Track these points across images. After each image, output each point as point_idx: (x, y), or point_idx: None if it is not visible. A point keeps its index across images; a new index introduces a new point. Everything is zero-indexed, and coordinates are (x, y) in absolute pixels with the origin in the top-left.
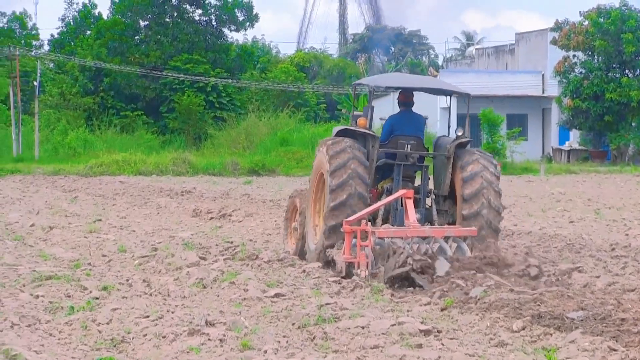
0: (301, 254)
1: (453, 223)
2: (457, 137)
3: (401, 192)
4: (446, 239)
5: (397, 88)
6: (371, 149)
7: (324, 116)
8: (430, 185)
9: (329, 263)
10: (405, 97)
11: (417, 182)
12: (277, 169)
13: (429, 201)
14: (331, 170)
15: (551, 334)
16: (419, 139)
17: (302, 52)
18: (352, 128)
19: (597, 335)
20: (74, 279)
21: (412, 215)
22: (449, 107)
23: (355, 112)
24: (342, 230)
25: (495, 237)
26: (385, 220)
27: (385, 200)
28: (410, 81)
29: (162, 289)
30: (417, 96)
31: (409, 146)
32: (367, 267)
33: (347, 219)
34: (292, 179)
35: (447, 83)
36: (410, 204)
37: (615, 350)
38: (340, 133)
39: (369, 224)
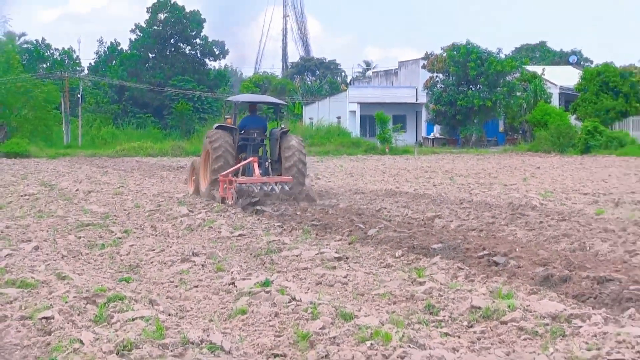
0: (196, 193)
1: (280, 175)
2: (282, 128)
3: (250, 159)
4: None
5: (247, 102)
6: (234, 136)
7: (272, 117)
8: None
9: (213, 197)
10: (252, 107)
11: (261, 153)
12: None
13: (267, 164)
14: (213, 148)
15: (420, 259)
16: (261, 130)
17: (257, 74)
18: (224, 125)
19: (451, 260)
20: (104, 226)
21: (257, 171)
22: (277, 114)
23: (226, 115)
24: (218, 180)
25: (303, 180)
26: (244, 174)
27: (242, 163)
28: (254, 98)
29: (164, 231)
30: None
31: (255, 134)
32: (232, 199)
33: (221, 174)
34: None
35: (275, 99)
36: (255, 165)
37: (462, 269)
38: (218, 127)
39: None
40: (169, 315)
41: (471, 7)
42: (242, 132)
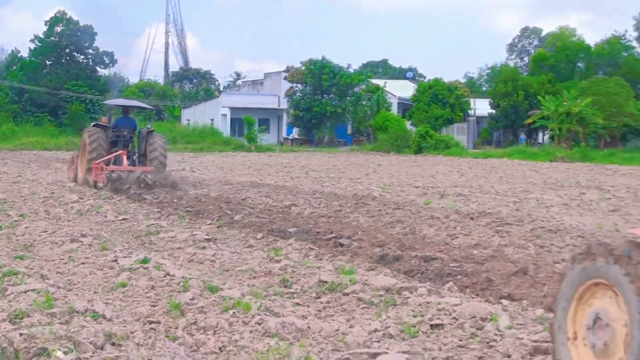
0: (74, 181)
1: (145, 166)
2: (148, 128)
3: (120, 152)
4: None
5: (119, 105)
6: (108, 133)
7: (154, 118)
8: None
9: (87, 181)
10: (124, 109)
11: (130, 148)
12: None
13: (135, 157)
14: (89, 141)
15: (278, 241)
16: (131, 129)
17: (142, 81)
18: (100, 123)
19: (304, 241)
20: (2, 210)
21: (125, 161)
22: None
23: (103, 117)
24: (92, 166)
25: (163, 171)
26: (115, 164)
27: (113, 154)
28: (126, 102)
29: (56, 215)
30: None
31: (126, 132)
32: (103, 182)
33: (95, 162)
34: None
35: (143, 103)
36: (124, 157)
37: (313, 249)
38: (95, 125)
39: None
40: (58, 288)
41: (327, 28)
42: (115, 130)
